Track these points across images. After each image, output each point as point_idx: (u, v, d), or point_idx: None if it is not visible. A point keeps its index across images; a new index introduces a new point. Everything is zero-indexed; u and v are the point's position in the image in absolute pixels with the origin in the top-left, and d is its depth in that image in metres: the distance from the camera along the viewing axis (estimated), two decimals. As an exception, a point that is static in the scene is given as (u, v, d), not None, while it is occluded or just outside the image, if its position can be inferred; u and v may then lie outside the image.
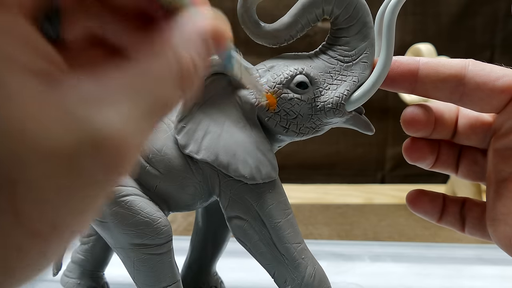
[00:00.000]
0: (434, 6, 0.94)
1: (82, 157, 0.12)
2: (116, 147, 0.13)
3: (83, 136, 0.12)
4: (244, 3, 0.31)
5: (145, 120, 0.14)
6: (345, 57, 0.32)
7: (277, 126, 0.34)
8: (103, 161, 0.13)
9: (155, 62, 0.15)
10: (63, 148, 0.12)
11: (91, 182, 0.13)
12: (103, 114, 0.13)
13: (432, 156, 0.31)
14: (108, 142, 0.13)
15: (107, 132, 0.13)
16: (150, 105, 0.14)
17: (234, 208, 0.35)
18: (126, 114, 0.13)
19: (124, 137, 0.13)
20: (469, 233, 0.31)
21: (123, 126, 0.13)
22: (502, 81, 0.27)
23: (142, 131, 0.14)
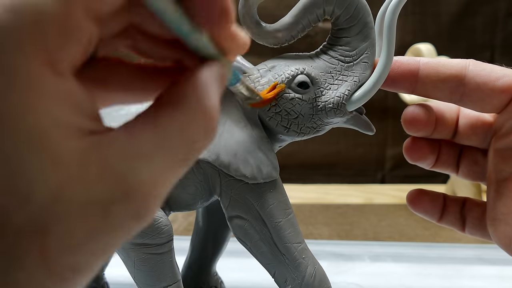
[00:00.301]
0: (434, 6, 0.94)
1: (114, 205, 0.13)
2: (145, 196, 0.14)
3: (117, 188, 0.13)
4: (245, 3, 0.31)
5: (171, 173, 0.15)
6: (346, 57, 0.32)
7: (278, 126, 0.34)
8: (132, 209, 0.14)
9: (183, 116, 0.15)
10: (98, 199, 0.13)
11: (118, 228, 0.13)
12: (137, 168, 0.14)
13: (433, 156, 0.31)
14: (138, 192, 0.14)
15: (139, 185, 0.14)
16: (177, 157, 0.15)
17: (235, 208, 0.35)
18: (156, 169, 0.14)
19: (152, 187, 0.14)
20: (470, 233, 0.31)
21: (153, 177, 0.14)
22: (502, 81, 0.27)
23: (168, 180, 0.15)
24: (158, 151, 0.14)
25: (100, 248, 0.13)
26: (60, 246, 0.12)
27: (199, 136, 0.15)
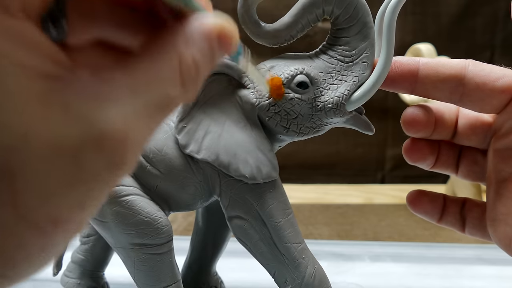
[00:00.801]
0: (434, 6, 0.94)
1: (85, 152, 0.13)
2: (118, 143, 0.13)
3: (86, 132, 0.13)
4: (244, 3, 0.31)
5: (147, 118, 0.14)
6: (345, 57, 0.32)
7: (277, 126, 0.34)
8: (106, 157, 0.13)
9: (157, 62, 0.15)
10: (66, 144, 0.12)
11: (93, 177, 0.13)
12: (106, 112, 0.13)
13: (432, 157, 0.31)
14: (110, 139, 0.13)
15: (110, 129, 0.13)
16: (152, 104, 0.14)
17: (234, 208, 0.35)
18: (128, 112, 0.14)
19: (126, 134, 0.13)
20: (469, 233, 0.31)
21: (125, 124, 0.13)
22: (502, 81, 0.27)
23: (144, 129, 0.14)
24: (129, 95, 0.14)
25: (78, 199, 0.13)
26: (32, 192, 0.12)
27: (175, 87, 0.15)
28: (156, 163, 0.35)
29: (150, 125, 0.15)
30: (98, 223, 0.36)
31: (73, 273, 0.43)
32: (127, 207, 0.34)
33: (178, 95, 0.15)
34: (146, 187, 0.35)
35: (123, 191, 0.34)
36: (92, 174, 0.13)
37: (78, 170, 0.13)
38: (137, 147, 0.14)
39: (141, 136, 0.14)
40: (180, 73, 0.15)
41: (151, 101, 0.14)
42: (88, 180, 0.13)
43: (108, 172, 0.13)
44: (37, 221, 0.12)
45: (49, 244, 0.13)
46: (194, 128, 0.34)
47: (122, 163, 0.14)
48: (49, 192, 0.12)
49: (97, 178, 0.13)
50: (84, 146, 0.12)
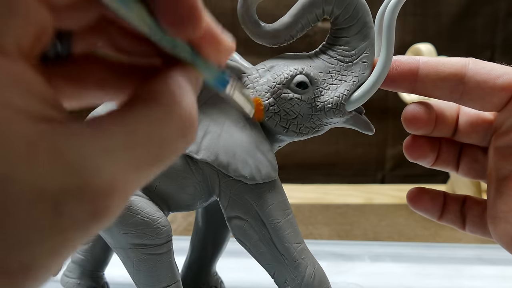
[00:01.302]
0: (434, 6, 0.94)
1: (66, 200, 0.12)
2: (103, 195, 0.13)
3: (69, 180, 0.12)
4: (244, 3, 0.31)
5: (140, 172, 0.14)
6: (345, 57, 0.32)
7: (277, 126, 0.34)
8: (88, 206, 0.12)
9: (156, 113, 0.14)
10: (47, 190, 0.12)
11: (72, 226, 0.12)
12: (95, 162, 0.12)
13: (433, 154, 0.31)
14: (94, 190, 0.12)
15: (96, 180, 0.12)
16: (148, 158, 0.14)
17: (234, 208, 0.35)
18: (121, 166, 0.13)
19: (112, 187, 0.13)
20: (470, 231, 0.31)
21: (114, 177, 0.13)
22: (502, 79, 0.27)
23: (135, 178, 0.14)
24: (124, 148, 0.13)
25: (54, 247, 0.12)
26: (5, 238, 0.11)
27: (174, 136, 0.14)
28: (155, 163, 0.35)
29: (143, 176, 0.14)
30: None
31: (73, 273, 0.43)
32: (126, 208, 0.34)
33: (180, 148, 0.15)
34: (145, 187, 0.35)
35: (123, 191, 0.34)
36: (71, 222, 0.12)
37: (57, 217, 0.12)
38: (124, 198, 0.13)
39: (130, 189, 0.14)
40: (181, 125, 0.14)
41: (147, 153, 0.14)
42: (67, 229, 0.12)
43: (88, 221, 0.13)
44: (7, 268, 0.12)
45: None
46: (193, 128, 0.34)
47: (105, 213, 0.13)
48: (24, 239, 0.12)
49: (77, 227, 0.12)
50: (65, 193, 0.12)
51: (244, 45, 0.39)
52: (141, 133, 0.13)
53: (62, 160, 0.12)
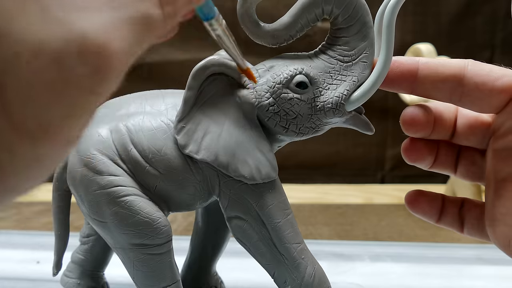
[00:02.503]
0: (434, 6, 0.94)
1: (69, 57, 0.13)
2: (101, 50, 0.13)
3: (68, 37, 0.13)
4: (243, 3, 0.31)
5: (129, 32, 0.15)
6: (344, 57, 0.32)
7: (277, 126, 0.34)
8: (90, 62, 0.13)
9: None
10: (50, 48, 0.12)
11: (79, 83, 0.13)
12: (86, 19, 0.13)
13: (431, 157, 0.31)
14: (93, 45, 0.13)
15: (92, 35, 0.13)
16: (132, 18, 0.15)
17: (234, 208, 0.35)
18: (108, 21, 0.14)
19: (108, 41, 0.14)
20: (468, 233, 0.31)
21: (106, 31, 0.14)
22: (501, 81, 0.27)
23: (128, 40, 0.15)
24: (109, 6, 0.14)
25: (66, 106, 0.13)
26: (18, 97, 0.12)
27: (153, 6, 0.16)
28: (155, 164, 0.35)
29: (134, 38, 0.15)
30: (97, 223, 0.35)
31: (73, 273, 0.43)
32: (126, 208, 0.34)
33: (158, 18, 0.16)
34: (145, 187, 0.35)
35: (122, 191, 0.34)
36: (76, 78, 0.13)
37: (62, 74, 0.13)
38: (122, 57, 0.14)
39: (125, 46, 0.14)
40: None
41: (131, 15, 0.15)
42: (74, 86, 0.13)
43: (92, 77, 0.13)
44: (28, 128, 0.12)
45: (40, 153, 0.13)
46: (193, 129, 0.34)
47: (107, 69, 0.14)
48: (37, 98, 0.12)
49: (82, 83, 0.13)
50: (66, 50, 0.13)
51: (243, 45, 0.39)
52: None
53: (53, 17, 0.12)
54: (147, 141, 0.35)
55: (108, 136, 0.35)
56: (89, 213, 0.35)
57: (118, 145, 0.35)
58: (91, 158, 0.34)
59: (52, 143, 0.13)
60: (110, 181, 0.34)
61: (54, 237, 0.40)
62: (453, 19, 0.94)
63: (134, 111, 0.36)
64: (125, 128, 0.35)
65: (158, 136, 0.35)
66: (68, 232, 0.41)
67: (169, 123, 0.35)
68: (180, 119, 0.34)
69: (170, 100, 0.36)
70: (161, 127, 0.35)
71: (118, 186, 0.34)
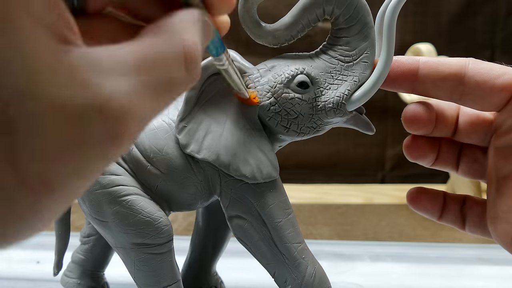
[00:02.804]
0: (434, 6, 0.94)
1: (88, 118, 0.13)
2: (122, 114, 0.13)
3: (91, 98, 0.13)
4: (245, 3, 0.31)
5: (152, 97, 0.15)
6: (345, 57, 0.32)
7: (278, 125, 0.34)
8: (109, 125, 0.13)
9: (162, 42, 0.15)
10: (70, 106, 0.12)
11: (93, 145, 0.13)
12: (112, 83, 0.13)
13: (433, 154, 0.31)
14: (115, 109, 0.13)
15: (115, 99, 0.13)
16: (157, 84, 0.15)
17: (235, 208, 0.35)
18: (133, 87, 0.14)
19: (130, 107, 0.14)
20: (470, 231, 0.31)
21: (130, 97, 0.14)
22: (502, 79, 0.27)
23: (149, 106, 0.15)
24: (135, 71, 0.14)
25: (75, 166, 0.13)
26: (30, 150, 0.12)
27: (178, 69, 0.16)
28: (156, 163, 0.35)
29: (155, 104, 0.15)
30: (98, 223, 0.36)
31: (73, 273, 0.43)
32: (127, 207, 0.34)
33: (182, 77, 0.16)
34: (147, 187, 0.35)
35: (124, 191, 0.34)
36: (93, 141, 0.13)
37: (79, 134, 0.13)
38: (141, 123, 0.15)
39: (146, 113, 0.15)
40: (183, 56, 0.16)
41: (156, 81, 0.15)
42: (88, 148, 0.13)
43: (109, 142, 0.13)
44: (31, 180, 0.12)
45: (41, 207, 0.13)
46: (194, 128, 0.34)
47: (125, 135, 0.14)
48: (47, 152, 0.12)
49: (98, 146, 0.13)
50: (88, 111, 0.13)
51: (245, 45, 0.40)
52: (149, 59, 0.15)
53: (81, 79, 0.13)
54: (148, 140, 0.35)
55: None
56: (90, 213, 0.35)
57: (119, 145, 0.35)
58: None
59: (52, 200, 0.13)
60: (111, 181, 0.34)
61: (54, 237, 0.40)
62: (453, 19, 0.95)
63: None
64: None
65: (160, 135, 0.35)
66: (68, 232, 0.41)
67: (171, 122, 0.35)
68: (182, 119, 0.34)
69: (171, 99, 0.36)
70: (163, 127, 0.35)
71: (119, 186, 0.34)
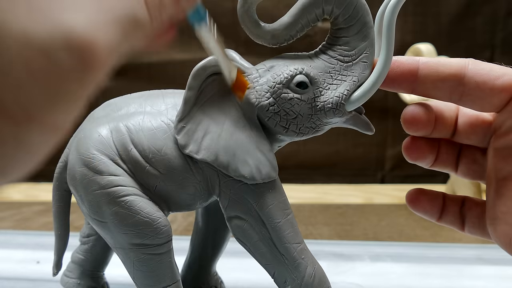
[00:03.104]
0: (434, 6, 0.94)
1: (56, 49, 0.13)
2: (87, 44, 0.14)
3: (55, 31, 0.13)
4: (244, 3, 0.31)
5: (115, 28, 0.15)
6: (345, 57, 0.32)
7: (277, 126, 0.34)
8: (76, 55, 0.14)
9: None
10: (37, 39, 0.13)
11: (64, 74, 0.13)
12: (73, 16, 0.14)
13: (432, 155, 0.31)
14: (79, 39, 0.14)
15: (78, 30, 0.14)
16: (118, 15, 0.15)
17: (234, 208, 0.35)
18: (95, 19, 0.14)
19: (94, 37, 0.14)
20: (469, 232, 0.31)
21: (93, 28, 0.14)
22: (502, 80, 0.27)
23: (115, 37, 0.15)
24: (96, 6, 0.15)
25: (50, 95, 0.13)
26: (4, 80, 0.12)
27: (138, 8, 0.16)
28: (155, 163, 0.35)
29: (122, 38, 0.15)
30: (97, 223, 0.35)
31: (73, 273, 0.43)
32: (126, 207, 0.34)
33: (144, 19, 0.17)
34: (145, 187, 0.35)
35: (122, 191, 0.34)
36: (62, 69, 0.13)
37: (49, 64, 0.13)
38: (109, 52, 0.15)
39: (112, 43, 0.15)
40: None
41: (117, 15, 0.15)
42: (59, 76, 0.13)
43: (81, 70, 0.14)
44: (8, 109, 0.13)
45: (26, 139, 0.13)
46: (193, 128, 0.34)
47: (93, 62, 0.14)
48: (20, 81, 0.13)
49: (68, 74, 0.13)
50: (52, 42, 0.13)
51: (244, 45, 0.40)
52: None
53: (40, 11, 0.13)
54: (147, 141, 0.35)
55: (109, 136, 0.35)
56: (89, 213, 0.35)
57: (118, 145, 0.35)
58: (91, 158, 0.34)
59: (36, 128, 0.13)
60: (110, 181, 0.34)
61: (54, 237, 0.40)
62: (453, 19, 0.95)
63: (134, 111, 0.36)
64: (125, 128, 0.35)
65: (158, 136, 0.35)
66: (68, 232, 0.41)
67: (169, 123, 0.35)
68: (180, 119, 0.34)
69: (170, 100, 0.36)
70: (161, 127, 0.35)
71: (118, 186, 0.34)
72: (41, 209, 0.80)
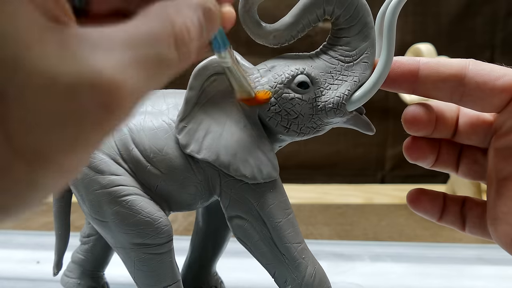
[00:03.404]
0: (434, 6, 0.94)
1: (79, 92, 0.13)
2: (114, 88, 0.14)
3: (81, 72, 0.13)
4: (245, 3, 0.31)
5: (142, 70, 0.15)
6: (346, 57, 0.32)
7: (278, 126, 0.34)
8: (101, 99, 0.13)
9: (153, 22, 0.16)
10: (61, 79, 0.12)
11: (86, 118, 0.13)
12: (102, 57, 0.14)
13: (433, 155, 0.31)
14: (106, 83, 0.13)
15: (106, 73, 0.13)
16: (146, 57, 0.15)
17: (235, 208, 0.35)
18: (123, 61, 0.14)
19: (122, 80, 0.14)
20: (470, 232, 0.31)
21: (121, 71, 0.14)
22: (502, 80, 0.27)
23: (140, 80, 0.15)
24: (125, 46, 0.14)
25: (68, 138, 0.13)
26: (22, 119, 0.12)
27: (167, 47, 0.16)
28: (156, 163, 0.35)
29: (146, 80, 0.15)
30: (98, 223, 0.36)
31: (73, 273, 0.43)
32: (127, 207, 0.34)
33: (173, 57, 0.16)
34: (147, 187, 0.35)
35: (123, 191, 0.34)
36: (85, 114, 0.13)
37: (71, 107, 0.13)
38: (134, 98, 0.15)
39: (139, 87, 0.15)
40: (173, 35, 0.16)
41: (145, 56, 0.15)
42: (81, 120, 0.13)
43: (101, 114, 0.13)
44: (25, 151, 0.12)
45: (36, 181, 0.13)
46: (194, 128, 0.34)
47: (117, 108, 0.14)
48: (40, 124, 0.12)
49: (90, 119, 0.13)
50: (78, 84, 0.13)
51: (245, 45, 0.40)
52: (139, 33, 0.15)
53: (71, 53, 0.13)
54: (148, 140, 0.35)
55: (109, 135, 0.35)
56: (90, 213, 0.35)
57: (119, 145, 0.35)
58: (92, 158, 0.34)
59: (48, 172, 0.13)
60: (111, 181, 0.34)
61: (54, 237, 0.40)
62: (453, 19, 0.95)
63: None
64: (126, 127, 0.35)
65: (160, 135, 0.35)
66: (68, 232, 0.41)
67: (171, 122, 0.35)
68: (182, 119, 0.34)
69: (172, 99, 0.36)
70: (163, 127, 0.35)
71: (119, 186, 0.34)
72: (41, 209, 0.80)
